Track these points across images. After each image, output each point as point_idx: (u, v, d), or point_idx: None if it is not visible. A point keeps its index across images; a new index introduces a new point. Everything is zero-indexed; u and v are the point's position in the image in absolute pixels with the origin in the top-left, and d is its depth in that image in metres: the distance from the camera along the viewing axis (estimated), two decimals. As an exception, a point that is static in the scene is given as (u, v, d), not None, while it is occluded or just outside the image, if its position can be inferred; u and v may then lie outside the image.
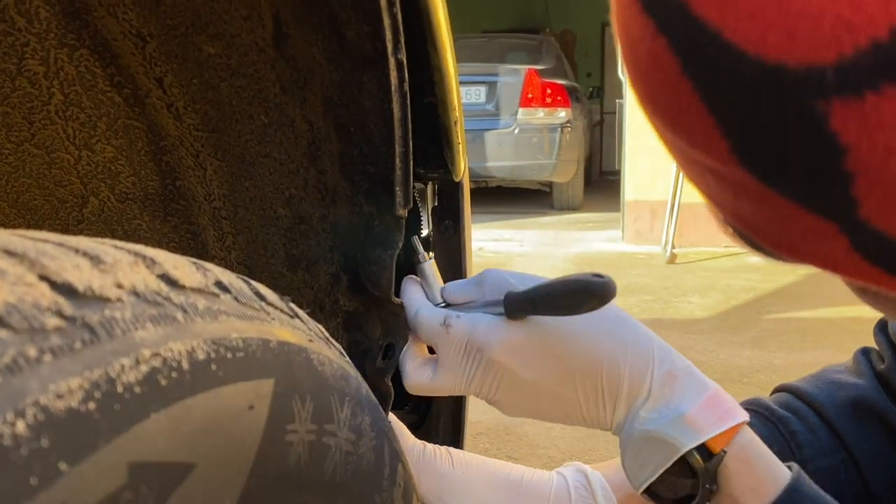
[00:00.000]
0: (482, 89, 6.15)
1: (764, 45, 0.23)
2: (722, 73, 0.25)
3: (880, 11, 0.21)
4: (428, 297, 0.62)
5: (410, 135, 0.54)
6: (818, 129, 0.23)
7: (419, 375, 0.60)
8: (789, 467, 0.55)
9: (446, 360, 0.58)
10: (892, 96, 0.21)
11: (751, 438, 0.55)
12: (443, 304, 0.61)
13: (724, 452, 0.53)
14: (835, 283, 0.37)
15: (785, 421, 0.70)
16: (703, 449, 0.53)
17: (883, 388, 0.69)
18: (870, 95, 0.22)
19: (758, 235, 0.30)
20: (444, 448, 0.65)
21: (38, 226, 0.70)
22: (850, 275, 0.28)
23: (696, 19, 0.25)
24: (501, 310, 0.57)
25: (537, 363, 0.56)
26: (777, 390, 0.76)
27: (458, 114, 0.60)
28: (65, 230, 0.70)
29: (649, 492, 0.56)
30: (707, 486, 0.53)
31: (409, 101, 0.53)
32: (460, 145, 0.62)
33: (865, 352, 0.73)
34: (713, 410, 0.54)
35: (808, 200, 0.25)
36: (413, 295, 0.62)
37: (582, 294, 0.53)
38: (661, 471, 0.55)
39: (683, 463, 0.54)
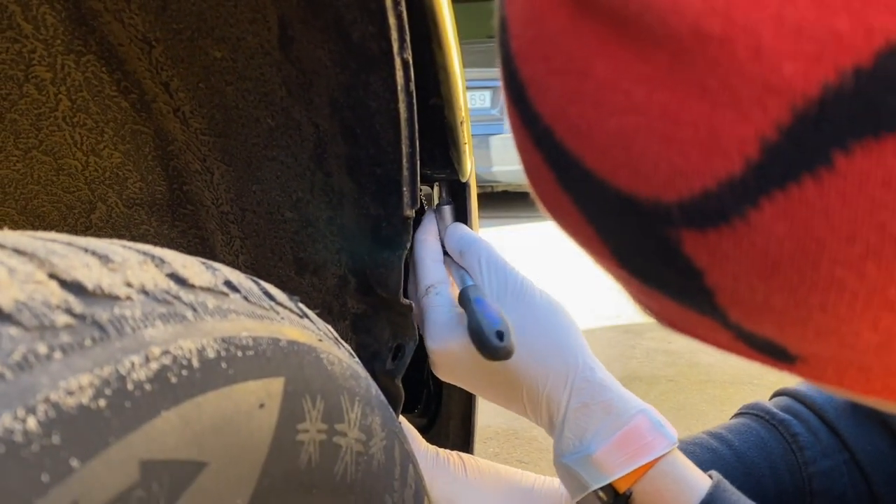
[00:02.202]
0: (487, 94, 6.15)
1: (617, 178, 0.24)
2: (590, 194, 0.26)
3: (704, 164, 0.22)
4: (441, 235, 0.68)
5: (417, 135, 0.54)
6: (675, 252, 0.24)
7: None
8: (713, 480, 0.57)
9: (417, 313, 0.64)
10: (729, 235, 0.23)
11: (668, 470, 0.56)
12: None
13: (630, 492, 0.56)
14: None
15: (786, 424, 0.70)
16: (609, 488, 0.57)
17: None
18: (711, 231, 0.23)
19: (657, 318, 0.32)
20: (455, 454, 0.65)
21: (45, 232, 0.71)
22: (743, 357, 0.29)
23: (560, 144, 0.26)
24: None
25: (466, 375, 0.62)
26: (777, 394, 0.76)
27: (463, 114, 0.60)
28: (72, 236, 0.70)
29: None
30: None
31: (415, 102, 0.53)
32: (467, 145, 0.62)
33: None
34: (624, 450, 0.56)
35: (686, 304, 0.27)
36: (424, 236, 0.66)
37: (480, 346, 0.56)
38: (578, 497, 0.58)
39: (595, 496, 0.57)
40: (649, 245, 0.25)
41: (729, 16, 0.20)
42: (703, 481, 0.57)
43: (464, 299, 0.59)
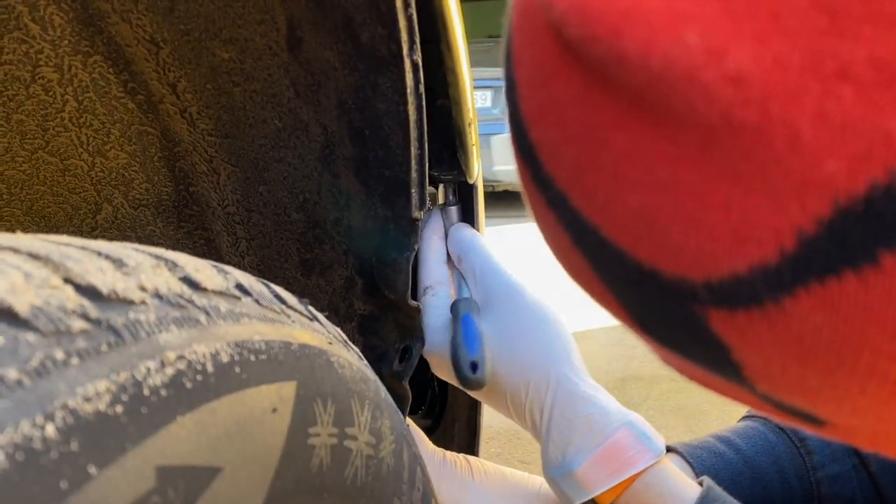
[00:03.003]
0: (488, 94, 6.14)
1: (638, 251, 0.23)
2: (607, 262, 0.25)
3: (735, 249, 0.21)
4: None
5: (426, 136, 0.54)
6: (701, 328, 0.23)
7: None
8: (703, 487, 0.57)
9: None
10: (760, 318, 0.22)
11: (653, 482, 0.56)
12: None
13: None
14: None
15: (794, 428, 0.69)
16: (592, 503, 0.57)
17: None
18: (741, 312, 0.22)
19: (679, 372, 0.31)
20: (462, 456, 0.65)
21: (52, 233, 0.70)
22: (773, 416, 0.28)
23: (575, 210, 0.25)
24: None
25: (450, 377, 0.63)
26: None
27: (471, 115, 0.60)
28: (79, 237, 0.70)
29: None
30: None
31: (424, 104, 0.53)
32: (474, 147, 0.62)
33: None
34: (606, 465, 0.56)
35: (712, 371, 0.26)
36: (430, 234, 0.67)
37: (455, 372, 0.58)
38: None
39: None
40: (673, 318, 0.24)
41: (765, 107, 0.19)
42: (691, 491, 0.57)
43: (454, 313, 0.61)
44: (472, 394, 0.63)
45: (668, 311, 0.24)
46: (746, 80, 0.19)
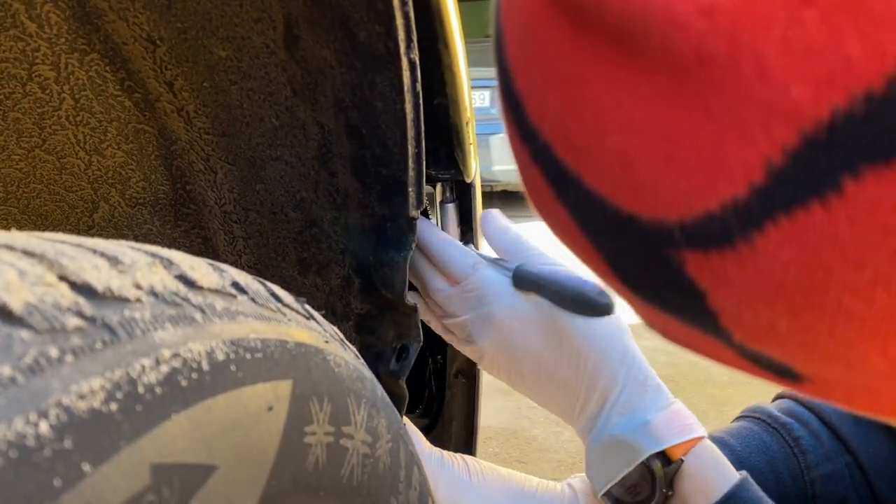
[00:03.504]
0: (486, 93, 6.14)
1: (616, 197, 0.24)
2: (589, 211, 0.25)
3: (707, 186, 0.21)
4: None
5: (423, 135, 0.54)
6: (677, 273, 0.24)
7: (437, 282, 0.66)
8: (742, 474, 0.59)
9: (462, 293, 0.64)
10: (732, 258, 0.22)
11: (708, 450, 0.60)
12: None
13: (682, 461, 0.59)
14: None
15: (788, 427, 0.70)
16: (662, 455, 0.59)
17: None
18: (714, 253, 0.22)
19: (661, 334, 0.31)
20: (459, 456, 0.65)
21: (48, 231, 0.70)
22: (749, 374, 0.29)
23: (558, 160, 0.25)
24: (509, 273, 0.64)
25: (533, 336, 0.62)
26: (779, 397, 0.76)
27: (469, 114, 0.60)
28: (75, 235, 0.70)
29: (609, 494, 0.61)
30: (664, 490, 0.59)
31: (421, 102, 0.53)
32: (472, 146, 0.62)
33: None
34: (675, 423, 0.60)
35: (689, 323, 0.26)
36: (432, 229, 0.67)
37: (584, 305, 0.60)
38: (623, 473, 0.60)
39: (644, 468, 0.59)
40: (651, 265, 0.25)
41: (734, 36, 0.19)
42: (733, 469, 0.60)
43: (524, 275, 0.62)
44: (538, 366, 0.63)
45: (647, 258, 0.24)
46: (717, 11, 0.19)
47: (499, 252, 0.67)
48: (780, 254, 0.21)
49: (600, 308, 0.59)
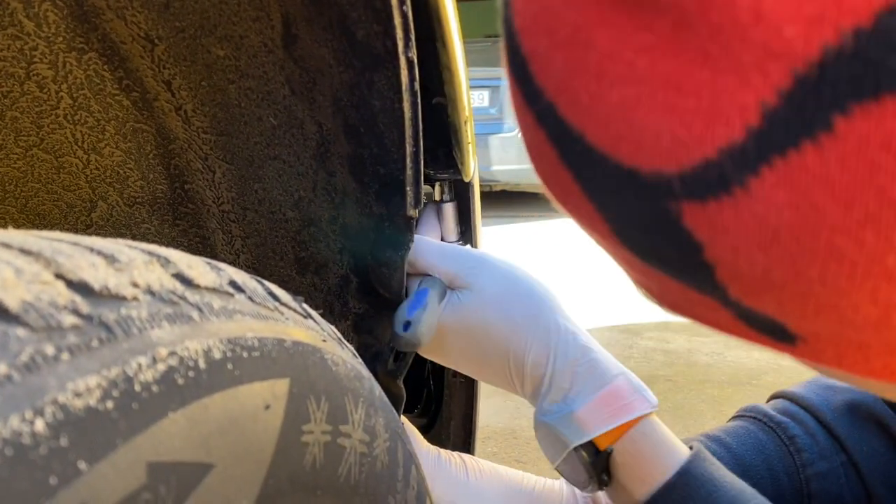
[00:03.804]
0: (485, 93, 6.15)
1: (618, 151, 0.24)
2: (591, 168, 0.26)
3: (705, 132, 0.22)
4: (443, 233, 0.69)
5: (421, 134, 0.54)
6: (675, 226, 0.24)
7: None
8: (694, 448, 0.58)
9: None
10: (730, 205, 0.23)
11: (648, 431, 0.58)
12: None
13: (610, 450, 0.57)
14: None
15: (783, 426, 0.71)
16: (590, 445, 0.57)
17: None
18: (711, 202, 0.23)
19: (658, 301, 0.32)
20: (457, 455, 0.65)
21: (46, 230, 0.70)
22: (744, 339, 0.29)
23: (562, 119, 0.26)
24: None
25: (462, 340, 0.62)
26: (774, 396, 0.77)
27: (467, 113, 0.60)
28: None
29: (560, 471, 0.61)
30: (601, 477, 0.58)
31: (419, 101, 0.53)
32: (470, 145, 0.62)
33: None
34: (606, 408, 0.57)
35: (685, 282, 0.27)
36: (423, 236, 0.67)
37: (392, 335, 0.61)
38: (559, 459, 0.59)
39: (576, 456, 0.58)
40: (650, 219, 0.25)
41: None
42: (683, 449, 0.58)
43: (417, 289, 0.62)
44: (472, 364, 0.63)
45: (647, 214, 0.25)
46: None
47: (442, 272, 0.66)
48: (774, 197, 0.22)
49: (398, 341, 0.59)
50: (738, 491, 0.55)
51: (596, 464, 0.57)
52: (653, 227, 0.25)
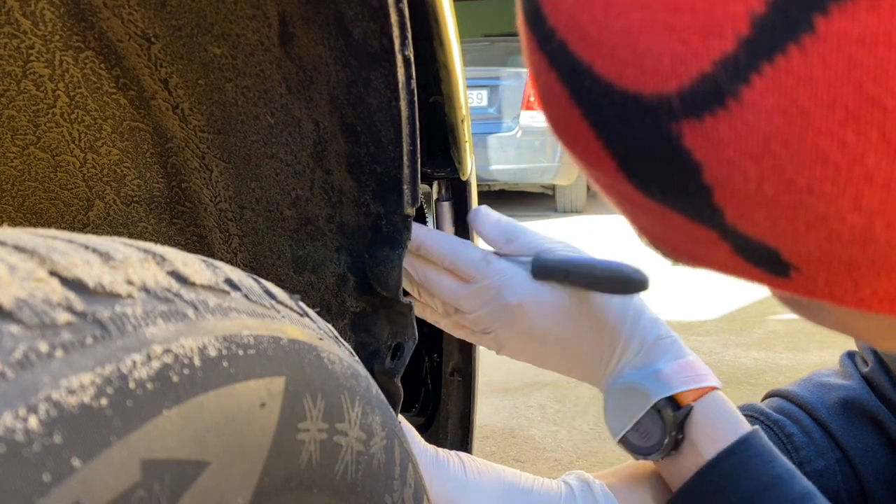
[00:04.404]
0: (484, 93, 6.15)
1: (623, 78, 0.26)
2: (598, 101, 0.28)
3: (701, 46, 0.24)
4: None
5: (418, 132, 0.54)
6: (676, 148, 0.26)
7: (446, 282, 0.66)
8: (753, 427, 0.62)
9: (476, 289, 0.65)
10: (724, 118, 0.24)
11: (720, 400, 0.62)
12: None
13: (691, 406, 0.61)
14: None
15: (780, 424, 0.71)
16: (672, 401, 0.61)
17: (870, 388, 0.71)
18: (707, 117, 0.25)
19: (661, 245, 0.33)
20: (455, 453, 0.64)
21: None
22: (741, 276, 0.31)
23: (573, 55, 0.28)
24: (526, 265, 0.65)
25: (556, 316, 0.64)
26: (769, 395, 0.77)
27: (464, 112, 0.60)
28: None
29: (625, 441, 0.64)
30: (673, 434, 0.60)
31: (416, 100, 0.53)
32: (467, 143, 0.62)
33: (850, 355, 0.75)
34: (686, 372, 0.62)
35: (686, 211, 0.28)
36: (434, 230, 0.69)
37: (622, 283, 0.61)
38: (636, 417, 0.62)
39: (654, 412, 0.61)
40: (653, 145, 0.27)
41: None
42: (744, 421, 0.62)
43: (546, 265, 0.63)
44: (557, 343, 0.65)
45: (649, 138, 0.27)
46: None
47: (494, 243, 0.68)
48: (764, 104, 0.23)
49: (637, 284, 0.61)
50: (792, 467, 0.59)
51: (676, 418, 0.60)
52: (656, 153, 0.27)
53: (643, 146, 0.27)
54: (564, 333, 0.65)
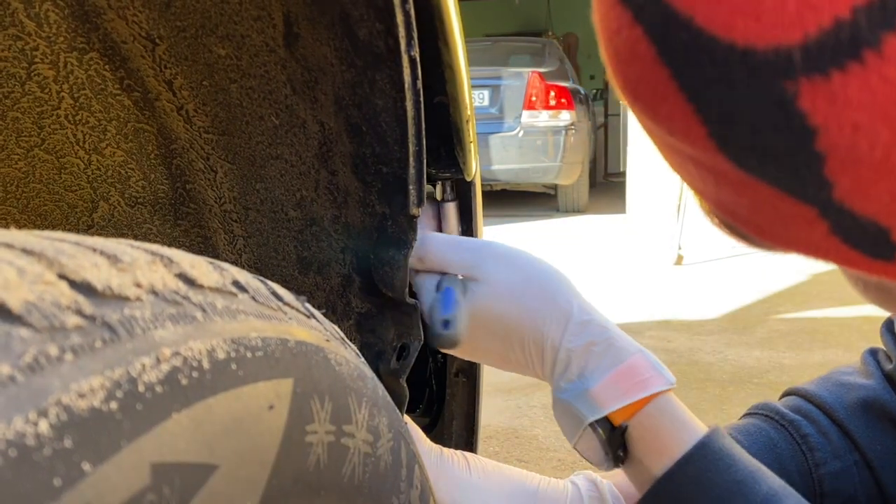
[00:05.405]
0: (486, 93, 6.15)
1: (733, 29, 0.23)
2: (696, 58, 0.25)
3: None
4: (444, 232, 0.69)
5: (424, 133, 0.54)
6: (789, 110, 0.23)
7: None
8: (711, 427, 0.57)
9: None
10: (857, 73, 0.21)
11: (666, 407, 0.57)
12: None
13: (625, 425, 0.57)
14: (843, 283, 0.36)
15: (796, 424, 0.69)
16: (605, 421, 0.57)
17: (892, 388, 0.69)
18: (836, 74, 0.22)
19: (742, 224, 0.30)
20: (460, 453, 0.64)
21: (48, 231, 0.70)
22: (832, 259, 0.28)
23: (668, 6, 0.25)
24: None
25: (481, 332, 0.61)
26: (786, 394, 0.75)
27: (469, 112, 0.60)
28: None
29: (579, 452, 0.61)
30: (611, 452, 0.57)
31: (422, 100, 0.53)
32: (472, 144, 0.62)
33: (873, 352, 0.73)
34: (621, 384, 0.57)
35: (785, 184, 0.25)
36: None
37: (430, 332, 0.61)
38: (576, 437, 0.59)
39: (592, 432, 0.58)
40: (759, 108, 0.24)
41: None
42: (700, 425, 0.57)
43: (437, 288, 0.62)
44: (489, 352, 0.63)
45: (756, 101, 0.24)
46: None
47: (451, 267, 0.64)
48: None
49: (439, 340, 0.59)
50: (755, 467, 0.55)
51: (611, 439, 0.57)
52: (762, 118, 0.24)
53: (746, 110, 0.24)
54: (490, 343, 0.61)
